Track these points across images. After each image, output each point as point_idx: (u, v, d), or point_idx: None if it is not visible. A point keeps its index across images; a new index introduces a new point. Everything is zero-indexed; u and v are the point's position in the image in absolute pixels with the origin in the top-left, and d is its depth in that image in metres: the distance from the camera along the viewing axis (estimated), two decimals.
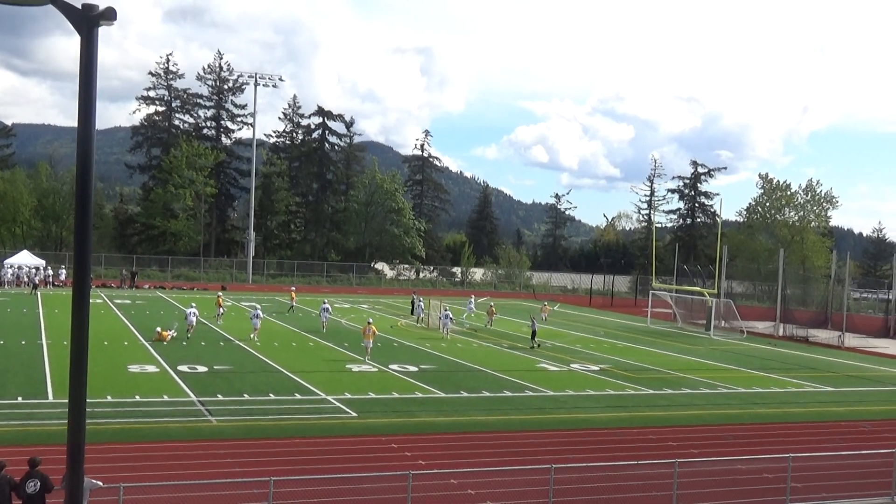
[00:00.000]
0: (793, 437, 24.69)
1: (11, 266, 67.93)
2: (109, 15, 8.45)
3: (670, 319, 62.80)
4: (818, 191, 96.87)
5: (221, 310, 47.20)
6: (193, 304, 42.46)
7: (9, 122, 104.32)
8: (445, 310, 46.77)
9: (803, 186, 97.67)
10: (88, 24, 8.39)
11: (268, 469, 17.47)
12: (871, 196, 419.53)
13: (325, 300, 50.48)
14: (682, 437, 23.99)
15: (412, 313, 55.20)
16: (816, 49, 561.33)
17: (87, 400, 9.59)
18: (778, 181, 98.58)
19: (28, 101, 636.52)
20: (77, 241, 8.85)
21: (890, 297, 66.67)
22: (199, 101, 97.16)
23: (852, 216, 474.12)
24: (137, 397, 25.52)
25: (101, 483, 13.62)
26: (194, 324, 40.29)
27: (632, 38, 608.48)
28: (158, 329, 39.06)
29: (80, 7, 8.45)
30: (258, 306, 44.39)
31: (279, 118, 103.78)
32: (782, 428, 26.02)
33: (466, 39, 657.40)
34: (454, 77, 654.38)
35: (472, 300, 59.91)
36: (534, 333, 43.34)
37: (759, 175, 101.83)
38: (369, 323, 37.13)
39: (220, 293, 52.48)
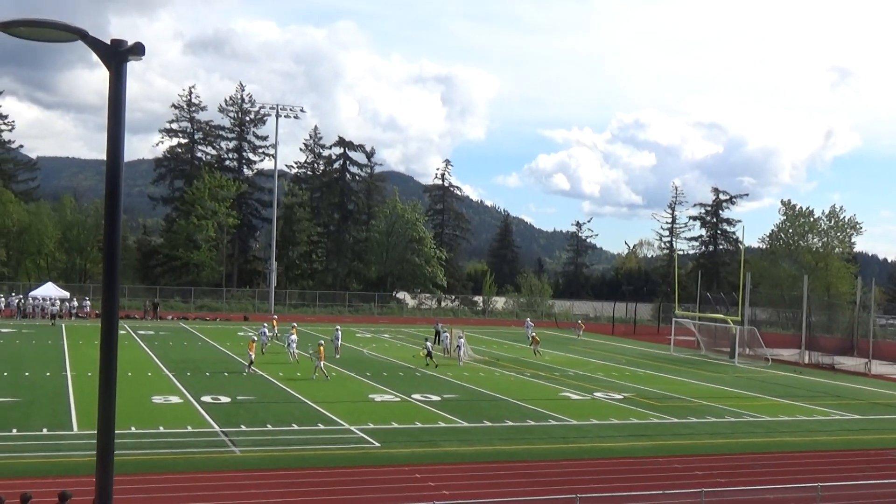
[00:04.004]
0: (821, 465, 24.37)
1: (35, 298, 68.54)
2: (138, 50, 8.56)
3: (694, 347, 62.35)
4: (841, 217, 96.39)
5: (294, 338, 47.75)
6: (265, 325, 49.46)
7: (34, 156, 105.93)
8: (460, 337, 48.13)
9: (826, 212, 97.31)
10: (117, 59, 8.50)
11: (291, 500, 17.46)
12: (894, 221, 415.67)
13: (338, 326, 51.31)
14: (709, 466, 23.73)
15: (437, 342, 55.06)
16: (839, 73, 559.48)
17: None
18: (801, 208, 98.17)
19: (52, 133, 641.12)
20: (106, 273, 8.91)
21: None
22: (221, 132, 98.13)
23: (876, 241, 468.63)
24: (161, 428, 25.59)
25: None
26: (267, 343, 46.51)
27: (650, 65, 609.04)
28: (254, 336, 44.85)
29: (108, 43, 8.57)
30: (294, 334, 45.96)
31: (300, 149, 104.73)
32: (809, 456, 25.70)
33: (487, 68, 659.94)
34: (475, 106, 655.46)
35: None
36: (429, 353, 44.82)
37: (782, 201, 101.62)
38: (320, 344, 39.24)
39: (294, 324, 51.44)
